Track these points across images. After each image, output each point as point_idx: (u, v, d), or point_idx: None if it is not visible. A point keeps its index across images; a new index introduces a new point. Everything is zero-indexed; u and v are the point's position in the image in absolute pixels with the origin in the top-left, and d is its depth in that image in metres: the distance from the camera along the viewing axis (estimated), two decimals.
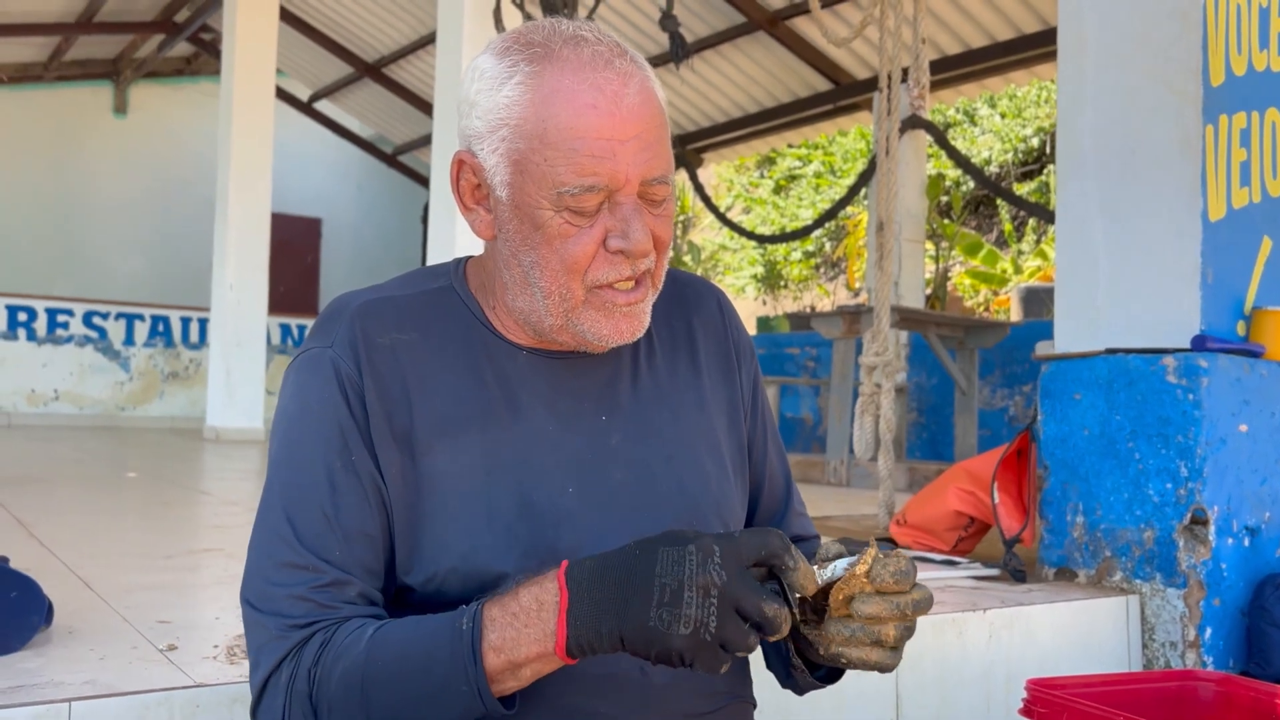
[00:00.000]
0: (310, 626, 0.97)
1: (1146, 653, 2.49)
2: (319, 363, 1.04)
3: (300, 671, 0.95)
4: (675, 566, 0.85)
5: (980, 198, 13.44)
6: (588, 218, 0.99)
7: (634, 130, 0.98)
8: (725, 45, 8.33)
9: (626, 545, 0.91)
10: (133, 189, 12.50)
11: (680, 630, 0.85)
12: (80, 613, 1.86)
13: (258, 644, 0.99)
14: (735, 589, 0.85)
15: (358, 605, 1.00)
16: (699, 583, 0.85)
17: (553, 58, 0.99)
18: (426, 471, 1.02)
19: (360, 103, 11.90)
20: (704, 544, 0.86)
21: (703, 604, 0.84)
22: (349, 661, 0.93)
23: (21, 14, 10.22)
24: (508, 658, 0.90)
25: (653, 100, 1.01)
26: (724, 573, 0.85)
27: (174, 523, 3.44)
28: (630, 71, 1.00)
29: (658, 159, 1.00)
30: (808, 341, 8.74)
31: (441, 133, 5.73)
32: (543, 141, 0.98)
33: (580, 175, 0.97)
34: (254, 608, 0.99)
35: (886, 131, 3.71)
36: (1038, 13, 7.01)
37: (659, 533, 0.91)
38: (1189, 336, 2.48)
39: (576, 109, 0.97)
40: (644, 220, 1.01)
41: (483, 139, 1.02)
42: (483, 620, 0.91)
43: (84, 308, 10.39)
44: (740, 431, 1.19)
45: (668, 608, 0.85)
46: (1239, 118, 2.59)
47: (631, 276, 1.02)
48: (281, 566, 0.99)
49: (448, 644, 0.91)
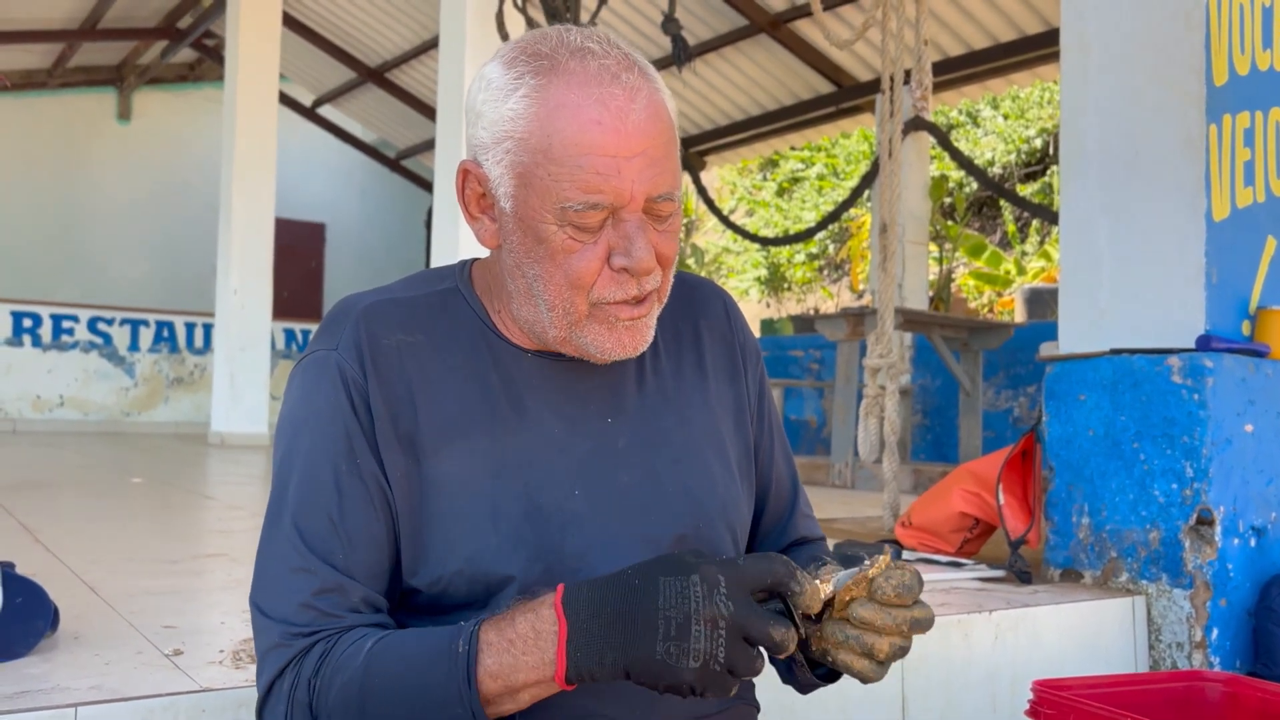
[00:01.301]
0: (313, 635, 0.97)
1: (1153, 654, 2.49)
2: (324, 365, 1.04)
3: (301, 681, 0.96)
4: (679, 599, 0.85)
5: (983, 199, 13.43)
6: (591, 234, 0.99)
7: (639, 147, 0.97)
8: (727, 48, 8.34)
9: (624, 571, 0.90)
10: (137, 195, 12.53)
11: (689, 664, 0.84)
12: (86, 618, 1.86)
13: (263, 648, 1.00)
14: (742, 619, 0.84)
15: (362, 612, 1.00)
16: (705, 615, 0.84)
17: (559, 70, 0.97)
18: (432, 474, 1.02)
19: (363, 108, 11.91)
20: (708, 574, 0.85)
21: (710, 636, 0.84)
22: (347, 676, 0.94)
23: (25, 21, 10.25)
24: (505, 683, 0.91)
25: (661, 114, 1.00)
26: (730, 603, 0.84)
27: (179, 528, 3.44)
28: (638, 85, 0.98)
29: (663, 175, 0.99)
30: (811, 344, 8.74)
31: (444, 137, 5.74)
32: (547, 157, 0.97)
33: (584, 192, 0.96)
34: (261, 612, 1.00)
35: (889, 133, 3.70)
36: (1040, 14, 7.01)
37: (656, 556, 0.90)
38: (1194, 337, 2.48)
39: (581, 125, 0.96)
40: (648, 237, 1.00)
41: (488, 150, 1.01)
42: (479, 644, 0.91)
43: (89, 313, 10.41)
44: (747, 434, 1.18)
45: (674, 641, 0.84)
46: (1242, 117, 2.58)
47: (637, 296, 1.01)
48: (288, 572, 0.99)
49: (444, 666, 0.91)
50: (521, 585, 1.00)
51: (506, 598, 1.00)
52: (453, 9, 5.71)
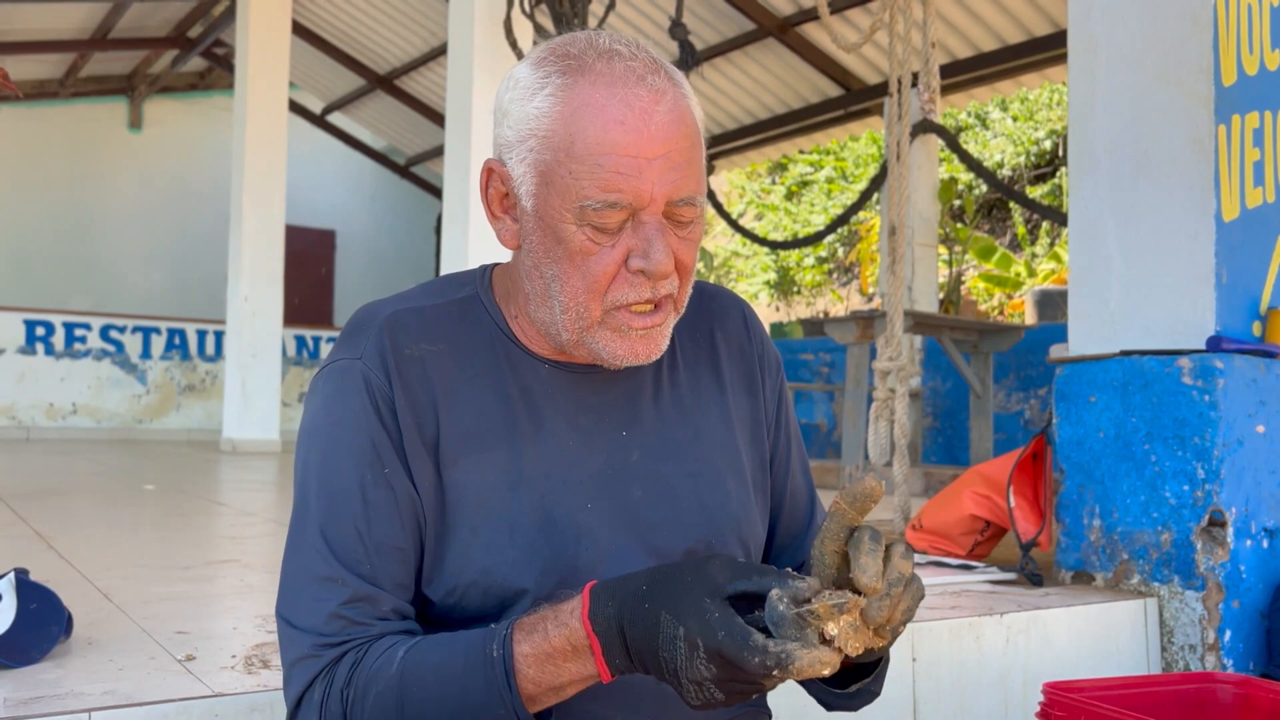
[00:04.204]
0: (342, 645, 0.97)
1: (1165, 656, 2.48)
2: (348, 374, 1.03)
3: (333, 692, 0.96)
4: (670, 648, 0.85)
5: (993, 201, 13.40)
6: (610, 235, 0.98)
7: (662, 149, 0.97)
8: (735, 52, 8.34)
9: (639, 588, 0.88)
10: (148, 203, 12.60)
11: (688, 700, 0.86)
12: (99, 624, 1.87)
13: (290, 659, 0.99)
14: (726, 677, 0.84)
15: (390, 621, 1.00)
16: (690, 677, 0.85)
17: (585, 71, 0.98)
18: (451, 484, 1.02)
19: (373, 115, 11.96)
20: (689, 637, 0.84)
21: (699, 689, 0.85)
22: (382, 685, 0.94)
23: (37, 31, 10.32)
24: (548, 685, 0.92)
25: (685, 119, 0.99)
26: (712, 668, 0.83)
27: (191, 534, 3.45)
28: (663, 89, 0.98)
29: (686, 179, 0.99)
30: (821, 347, 8.72)
31: (453, 144, 5.75)
32: (569, 154, 0.97)
33: (604, 191, 0.96)
34: (288, 623, 1.00)
35: (898, 136, 3.70)
36: (1048, 15, 6.99)
37: (671, 573, 0.88)
38: (1204, 338, 2.47)
39: (604, 124, 0.96)
40: (667, 241, 0.99)
41: (512, 148, 1.01)
42: (514, 652, 0.92)
43: (101, 321, 10.45)
44: (763, 446, 1.18)
45: (670, 680, 0.87)
46: (1251, 117, 2.58)
47: (651, 300, 1.01)
48: (315, 581, 0.99)
49: (481, 672, 0.92)
50: (535, 599, 1.00)
51: (519, 611, 1.00)
52: (461, 16, 5.73)
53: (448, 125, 5.81)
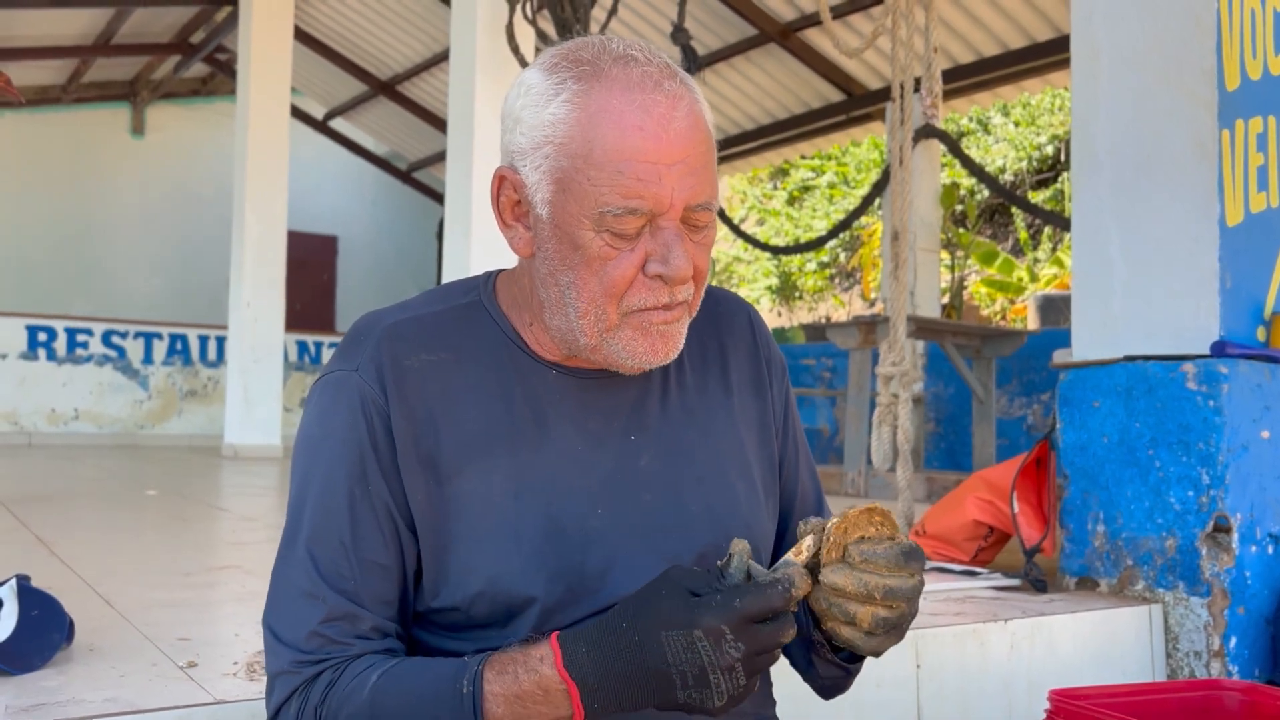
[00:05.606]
0: (320, 664, 0.98)
1: (1170, 662, 2.47)
2: (343, 386, 1.03)
3: (307, 709, 0.97)
4: (688, 654, 0.86)
5: (995, 206, 13.41)
6: (628, 241, 0.98)
7: (680, 154, 0.96)
8: (737, 57, 8.35)
9: (613, 621, 0.90)
10: (150, 209, 12.61)
11: (716, 702, 0.87)
12: (101, 630, 1.86)
13: (273, 671, 1.01)
14: (754, 652, 0.87)
15: (369, 640, 1.00)
16: (722, 665, 0.86)
17: (601, 76, 0.97)
18: (454, 494, 1.01)
19: (375, 120, 11.97)
20: (711, 629, 0.86)
21: (730, 678, 0.87)
22: (353, 708, 0.95)
23: (40, 37, 10.33)
24: None
25: (700, 125, 0.99)
26: (739, 645, 0.86)
27: (193, 540, 3.45)
28: (680, 94, 0.98)
29: (703, 185, 0.99)
30: (823, 352, 8.72)
31: (455, 149, 5.75)
32: (587, 161, 0.96)
33: (624, 197, 0.95)
34: (273, 634, 1.01)
35: (900, 141, 3.70)
36: (1050, 20, 6.99)
37: (640, 591, 0.90)
38: (1208, 343, 2.46)
39: (623, 130, 0.95)
40: (685, 246, 0.99)
41: (526, 155, 1.00)
42: (483, 690, 0.92)
43: (103, 327, 10.45)
44: (771, 450, 1.18)
45: (694, 689, 0.87)
46: (1255, 122, 2.57)
47: (668, 305, 1.01)
48: (298, 596, 1.00)
49: (449, 703, 0.92)
50: (543, 606, 1.00)
51: (528, 619, 1.00)
52: (463, 22, 5.74)
53: (450, 131, 5.81)
